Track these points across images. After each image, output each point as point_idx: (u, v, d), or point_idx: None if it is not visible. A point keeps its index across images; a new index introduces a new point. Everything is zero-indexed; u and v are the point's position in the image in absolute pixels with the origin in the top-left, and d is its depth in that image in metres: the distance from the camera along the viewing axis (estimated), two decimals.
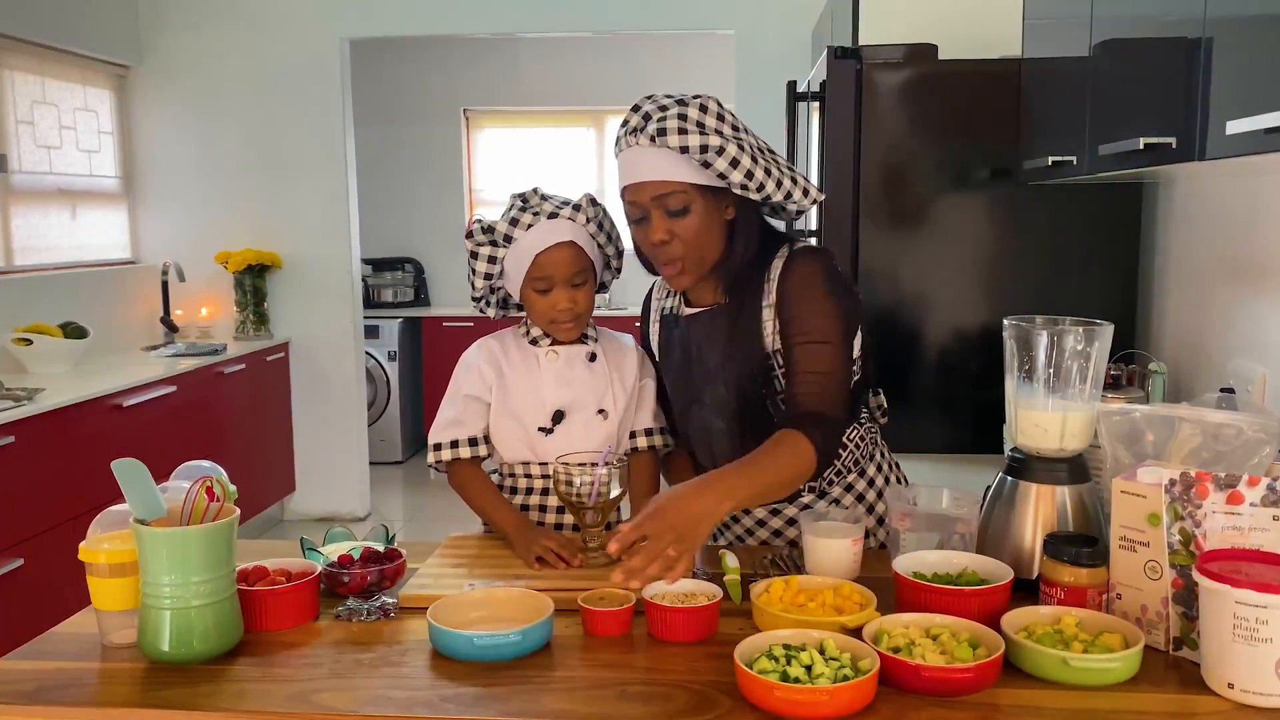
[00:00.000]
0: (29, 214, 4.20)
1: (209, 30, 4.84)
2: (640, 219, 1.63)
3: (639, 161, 1.60)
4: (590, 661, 1.32)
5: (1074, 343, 1.47)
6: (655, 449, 1.85)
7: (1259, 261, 1.98)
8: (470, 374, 1.79)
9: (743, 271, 1.67)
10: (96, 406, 3.49)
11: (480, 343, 1.83)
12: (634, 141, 1.59)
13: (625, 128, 1.63)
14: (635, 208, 1.62)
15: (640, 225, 1.64)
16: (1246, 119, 1.19)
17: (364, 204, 5.56)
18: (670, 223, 1.60)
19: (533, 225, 1.70)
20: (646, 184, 1.59)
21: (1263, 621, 1.15)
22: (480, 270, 1.76)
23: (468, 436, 1.77)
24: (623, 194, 1.65)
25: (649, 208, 1.61)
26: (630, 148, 1.61)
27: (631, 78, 6.53)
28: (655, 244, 1.62)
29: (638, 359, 1.85)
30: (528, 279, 1.72)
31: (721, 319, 1.70)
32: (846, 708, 1.14)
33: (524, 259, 1.71)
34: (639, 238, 1.66)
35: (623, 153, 1.63)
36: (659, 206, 1.60)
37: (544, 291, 1.72)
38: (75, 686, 1.28)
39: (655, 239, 1.62)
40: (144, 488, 1.33)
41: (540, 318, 1.76)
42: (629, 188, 1.62)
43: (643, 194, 1.60)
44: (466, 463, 1.77)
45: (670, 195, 1.59)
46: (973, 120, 2.56)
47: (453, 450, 1.77)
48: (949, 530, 1.53)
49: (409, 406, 6.41)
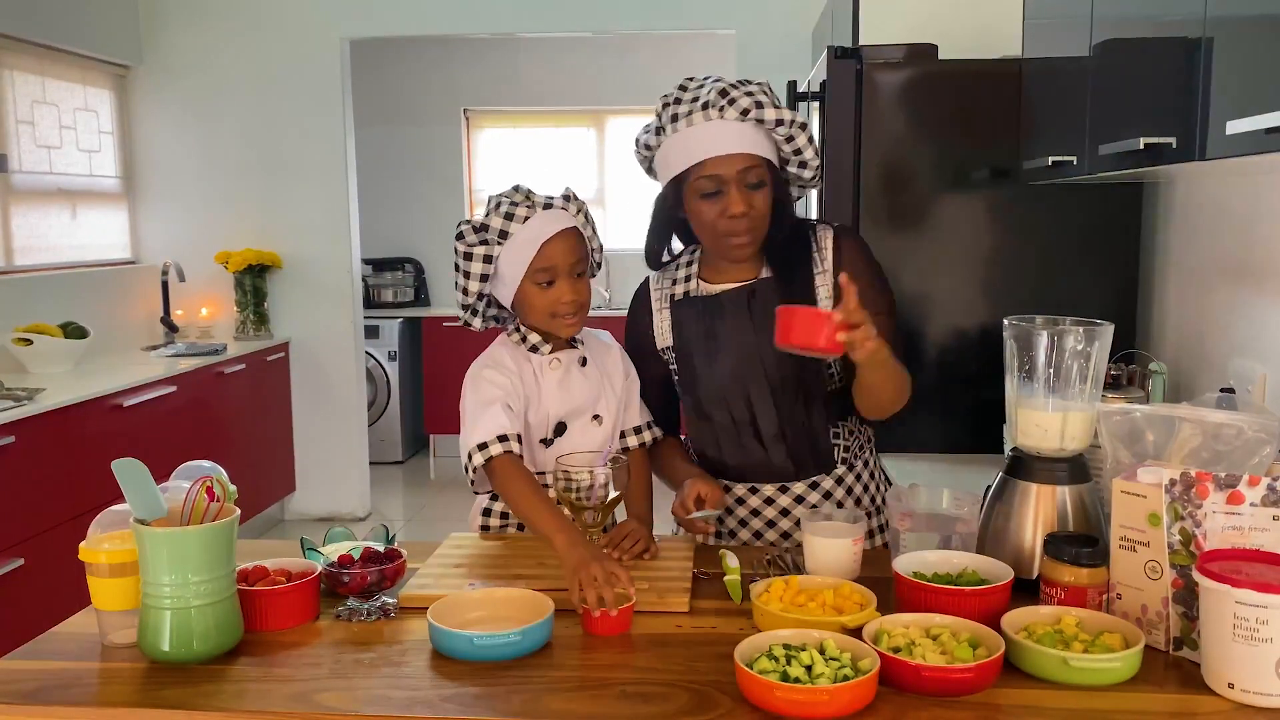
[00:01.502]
0: (29, 214, 4.20)
1: (209, 30, 4.84)
2: (714, 192, 1.64)
3: (722, 134, 1.62)
4: (590, 661, 1.32)
5: (1074, 343, 1.47)
6: (646, 445, 1.85)
7: (1259, 261, 1.98)
8: (496, 382, 1.71)
9: (786, 245, 1.71)
10: (97, 406, 3.49)
11: (490, 357, 1.77)
12: (715, 116, 1.62)
13: (693, 103, 1.64)
14: (712, 180, 1.63)
15: (713, 198, 1.65)
16: (1246, 119, 1.19)
17: (364, 204, 5.56)
18: (749, 195, 1.64)
19: (529, 218, 1.69)
20: (735, 156, 1.62)
21: (1263, 621, 1.15)
22: (476, 272, 1.71)
23: (516, 432, 1.66)
24: (692, 170, 1.64)
25: (731, 181, 1.63)
26: (710, 121, 1.62)
27: (631, 78, 6.53)
28: (733, 216, 1.64)
29: (620, 356, 1.86)
30: (530, 272, 1.68)
31: (768, 290, 1.71)
32: (846, 708, 1.14)
33: (527, 250, 1.67)
34: (705, 211, 1.66)
35: (692, 128, 1.63)
36: (741, 180, 1.63)
37: (547, 284, 1.69)
38: (75, 686, 1.28)
39: (736, 210, 1.63)
40: (144, 488, 1.33)
41: (541, 314, 1.72)
42: (712, 160, 1.62)
43: (730, 166, 1.62)
44: (511, 460, 1.63)
45: (752, 169, 1.63)
46: (973, 120, 2.56)
47: (503, 444, 1.63)
48: (949, 530, 1.53)
49: (409, 406, 6.41)
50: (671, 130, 1.67)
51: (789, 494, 1.80)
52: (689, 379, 1.81)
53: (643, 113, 6.66)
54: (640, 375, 1.86)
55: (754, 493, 1.81)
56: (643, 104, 6.60)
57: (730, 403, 1.76)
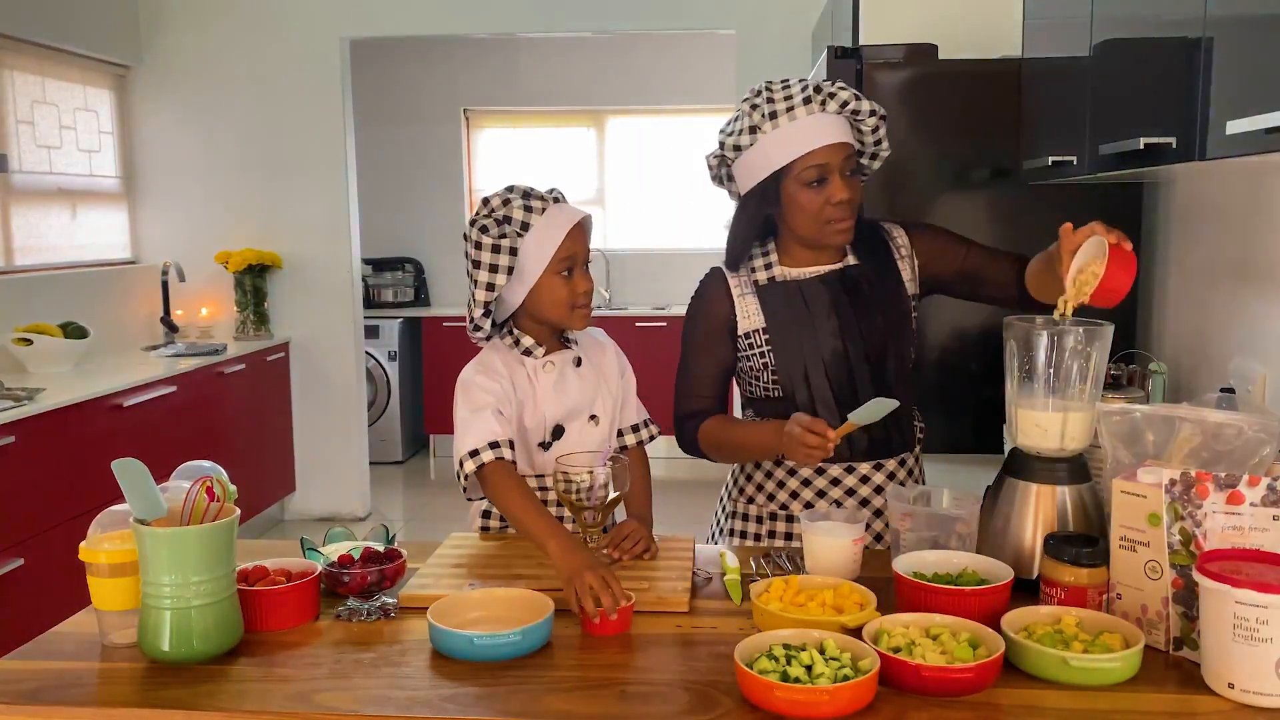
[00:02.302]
0: (29, 214, 4.20)
1: (209, 30, 4.84)
2: (820, 180, 1.73)
3: (827, 126, 1.72)
4: (590, 661, 1.33)
5: (1074, 343, 1.47)
6: (644, 443, 1.88)
7: (1259, 261, 1.98)
8: (488, 388, 1.72)
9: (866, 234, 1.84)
10: (97, 406, 3.49)
11: (481, 362, 1.77)
12: (817, 110, 1.72)
13: (793, 98, 1.72)
14: (819, 169, 1.73)
15: (818, 186, 1.74)
16: (1246, 119, 1.19)
17: (364, 204, 5.56)
18: (851, 183, 1.75)
19: (546, 209, 1.72)
20: (839, 145, 1.72)
21: (1263, 621, 1.15)
22: (503, 265, 1.69)
23: (508, 439, 1.68)
24: (798, 161, 1.72)
25: (838, 169, 1.73)
26: (811, 115, 1.72)
27: (631, 78, 6.53)
28: (838, 202, 1.73)
29: (614, 353, 1.88)
30: (554, 262, 1.70)
31: (859, 274, 1.82)
32: (846, 707, 1.14)
33: (551, 240, 1.70)
34: (810, 200, 1.75)
35: (794, 122, 1.72)
36: (845, 168, 1.73)
37: (567, 274, 1.72)
38: (75, 686, 1.28)
39: (842, 197, 1.73)
40: (144, 488, 1.33)
41: (561, 306, 1.73)
42: (820, 150, 1.71)
43: (837, 155, 1.72)
44: (503, 466, 1.65)
45: (851, 157, 1.75)
46: (973, 120, 2.56)
47: (494, 451, 1.64)
48: (949, 530, 1.53)
49: (409, 406, 6.41)
50: (771, 127, 1.73)
51: (883, 470, 1.84)
52: (787, 359, 1.81)
53: (643, 113, 6.66)
54: (702, 364, 1.86)
55: (850, 472, 1.83)
56: (643, 104, 6.61)
57: (832, 379, 1.79)
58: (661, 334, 5.85)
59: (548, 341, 1.79)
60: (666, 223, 6.66)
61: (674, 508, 2.97)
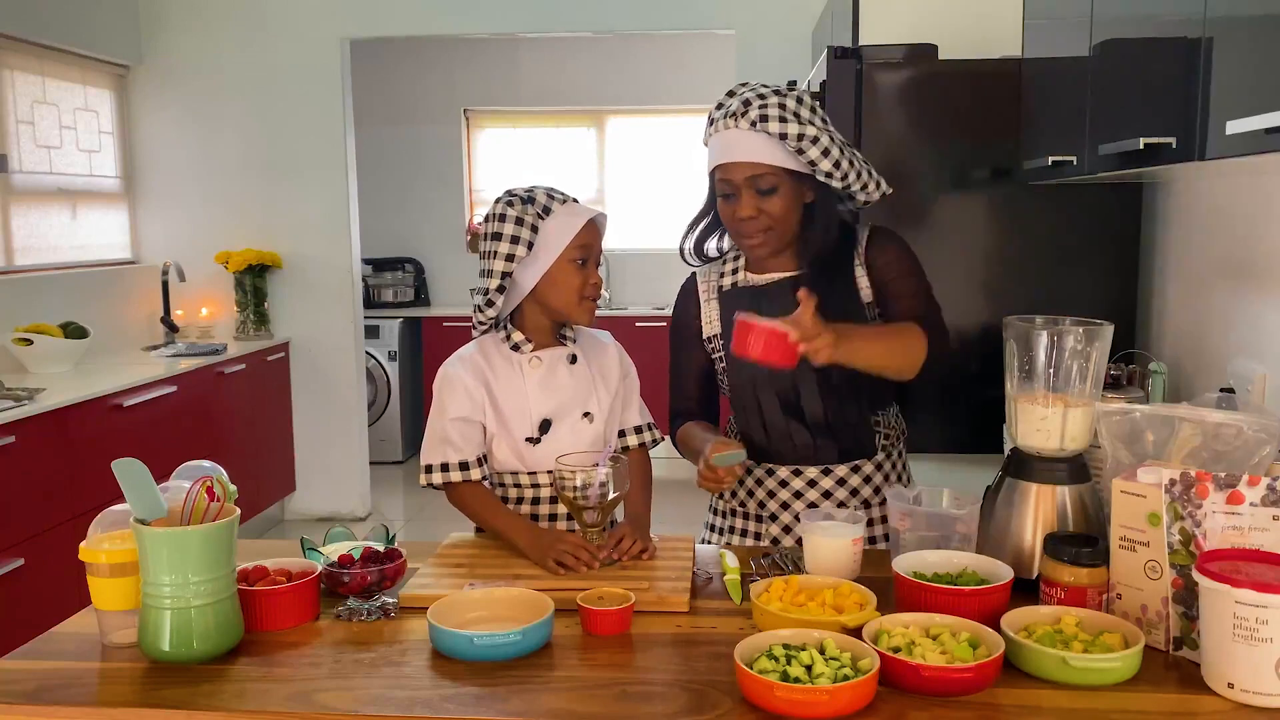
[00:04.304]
0: (29, 214, 4.20)
1: (209, 30, 4.84)
2: (729, 195, 1.76)
3: (736, 143, 1.73)
4: (590, 661, 1.33)
5: (1074, 343, 1.47)
6: (646, 445, 1.88)
7: (1259, 261, 1.98)
8: (457, 394, 1.77)
9: (823, 243, 1.81)
10: (97, 406, 3.49)
11: (461, 358, 1.81)
12: (733, 125, 1.73)
13: (722, 111, 1.75)
14: (727, 185, 1.76)
15: (729, 201, 1.77)
16: (1246, 119, 1.19)
17: (364, 204, 5.56)
18: (759, 200, 1.74)
19: (567, 201, 1.77)
20: (742, 164, 1.73)
21: (1263, 621, 1.15)
22: (524, 238, 1.71)
23: (458, 460, 1.75)
24: (714, 172, 1.78)
25: (741, 186, 1.74)
26: (728, 130, 1.73)
27: (631, 78, 6.53)
28: (741, 219, 1.76)
29: (617, 355, 1.89)
30: (570, 248, 1.73)
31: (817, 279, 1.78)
32: (846, 707, 1.14)
33: (571, 225, 1.73)
34: (725, 212, 1.79)
35: (718, 134, 1.76)
36: (750, 186, 1.74)
37: (582, 264, 1.74)
38: (75, 686, 1.29)
39: (743, 214, 1.75)
40: (144, 488, 1.33)
41: (570, 296, 1.75)
42: (723, 166, 1.75)
43: (737, 173, 1.74)
44: (460, 483, 1.76)
45: (761, 176, 1.73)
46: (973, 120, 2.56)
47: (444, 474, 1.75)
48: (949, 530, 1.53)
49: (409, 406, 6.40)
50: (710, 133, 1.78)
51: (831, 476, 1.85)
52: (736, 363, 1.82)
53: (643, 113, 6.66)
54: (683, 365, 1.95)
55: (798, 475, 1.86)
56: (643, 104, 6.61)
57: (778, 389, 1.81)
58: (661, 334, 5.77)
59: (543, 339, 1.80)
60: (666, 223, 6.65)
61: (674, 508, 2.97)
